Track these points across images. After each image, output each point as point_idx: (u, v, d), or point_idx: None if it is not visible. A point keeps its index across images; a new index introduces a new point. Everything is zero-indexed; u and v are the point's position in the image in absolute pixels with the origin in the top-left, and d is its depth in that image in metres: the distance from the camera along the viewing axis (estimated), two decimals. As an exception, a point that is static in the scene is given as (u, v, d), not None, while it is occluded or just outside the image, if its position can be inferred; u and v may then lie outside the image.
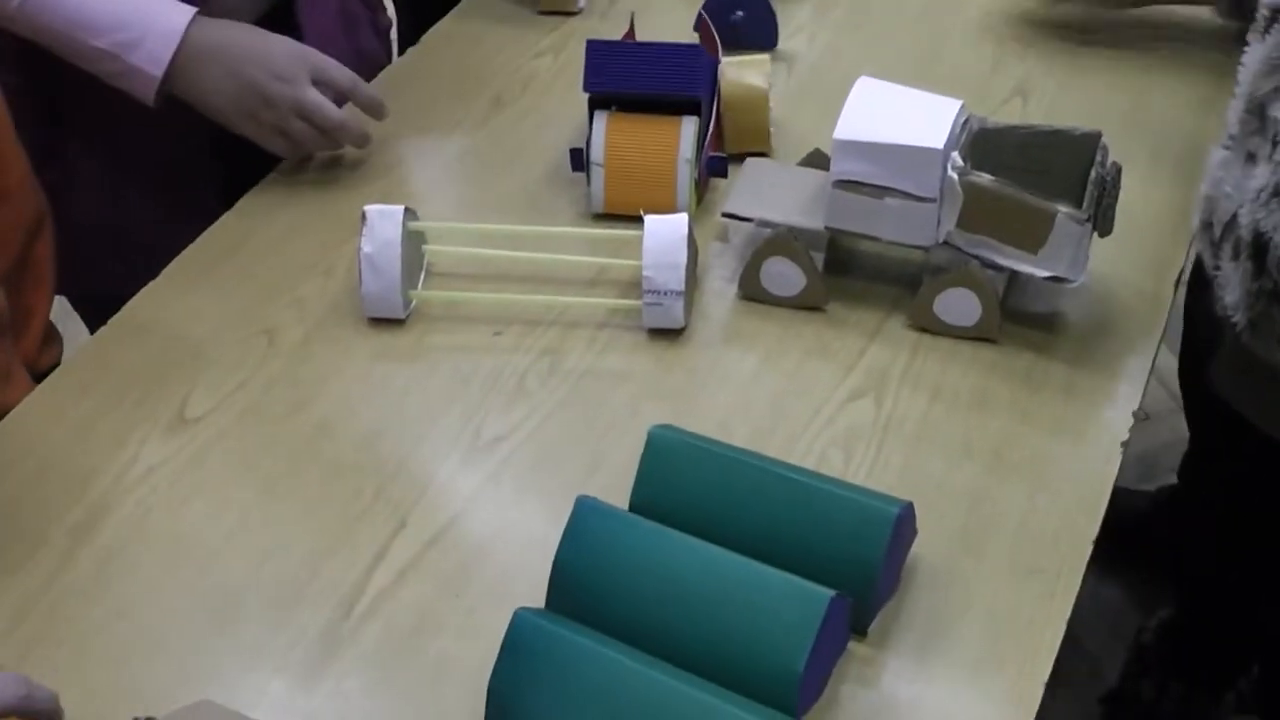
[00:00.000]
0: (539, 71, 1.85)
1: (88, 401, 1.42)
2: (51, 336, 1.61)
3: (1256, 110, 1.40)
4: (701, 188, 1.59)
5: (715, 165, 1.59)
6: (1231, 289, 1.41)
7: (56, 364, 1.56)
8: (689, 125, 1.55)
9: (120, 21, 1.56)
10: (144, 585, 1.25)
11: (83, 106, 1.64)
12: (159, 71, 1.56)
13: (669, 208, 1.53)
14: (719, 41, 1.71)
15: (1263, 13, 1.41)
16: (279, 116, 1.60)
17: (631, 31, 1.75)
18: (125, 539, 1.29)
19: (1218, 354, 1.55)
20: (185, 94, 1.60)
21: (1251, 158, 1.41)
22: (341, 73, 1.63)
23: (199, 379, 1.43)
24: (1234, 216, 1.41)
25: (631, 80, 1.57)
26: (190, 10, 1.58)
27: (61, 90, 1.62)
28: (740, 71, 1.66)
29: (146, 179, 1.75)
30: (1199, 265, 1.53)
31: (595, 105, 1.58)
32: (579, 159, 1.59)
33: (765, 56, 1.69)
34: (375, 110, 1.67)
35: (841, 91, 1.45)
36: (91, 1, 1.55)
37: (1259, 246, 1.35)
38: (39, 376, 1.47)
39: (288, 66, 1.60)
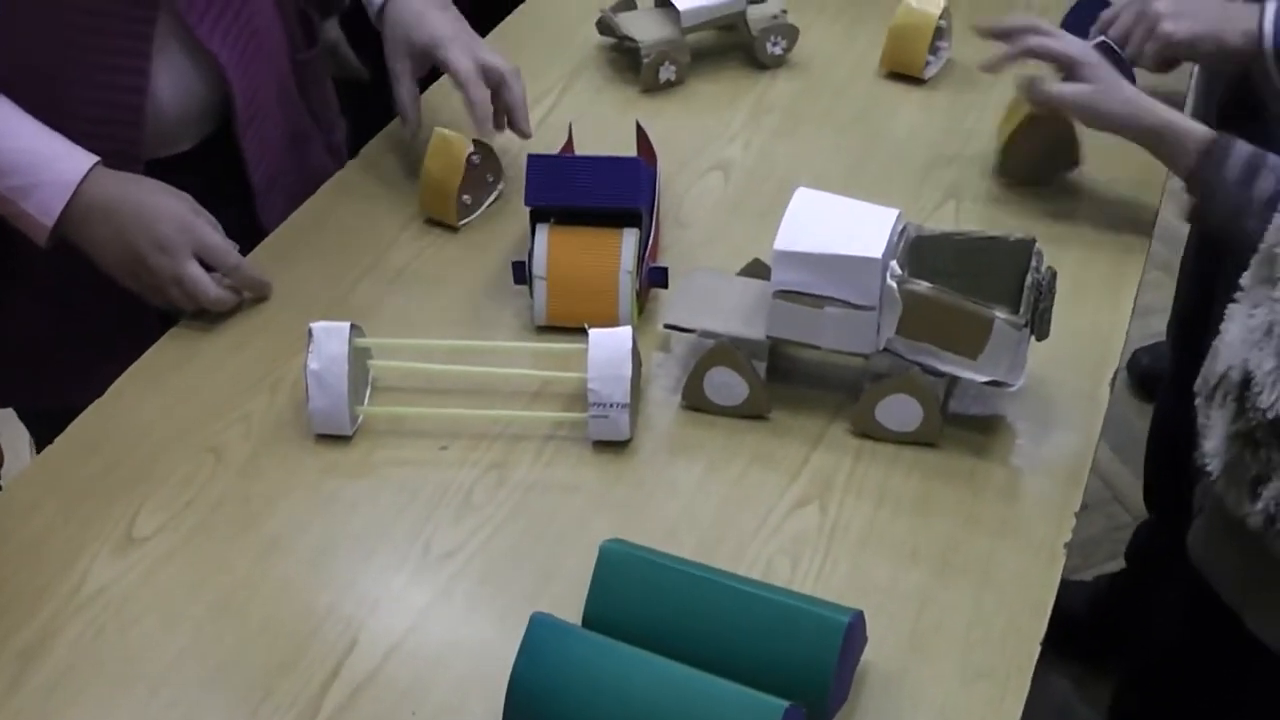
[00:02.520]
0: (478, 183, 1.86)
1: (36, 520, 1.41)
2: None
3: (1267, 260, 1.36)
4: (642, 297, 1.61)
5: (656, 276, 1.61)
6: (1213, 435, 1.38)
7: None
8: (630, 237, 1.57)
9: (16, 166, 1.58)
10: (96, 708, 1.24)
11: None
12: (49, 222, 1.59)
13: (611, 319, 1.55)
14: (655, 151, 1.74)
15: None
16: (157, 281, 1.61)
17: (570, 143, 1.77)
18: (75, 661, 1.28)
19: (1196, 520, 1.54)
20: (75, 242, 1.62)
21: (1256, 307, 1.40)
22: (224, 253, 1.64)
23: (147, 497, 1.43)
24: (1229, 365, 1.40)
25: (572, 193, 1.59)
26: (89, 161, 1.60)
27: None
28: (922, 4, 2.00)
29: (92, 292, 1.75)
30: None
31: (536, 218, 1.60)
32: (521, 272, 1.60)
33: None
34: (257, 290, 1.68)
35: (778, 198, 1.48)
36: None
37: (1245, 384, 1.33)
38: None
39: (171, 238, 1.60)
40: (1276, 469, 1.31)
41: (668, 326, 1.50)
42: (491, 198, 1.82)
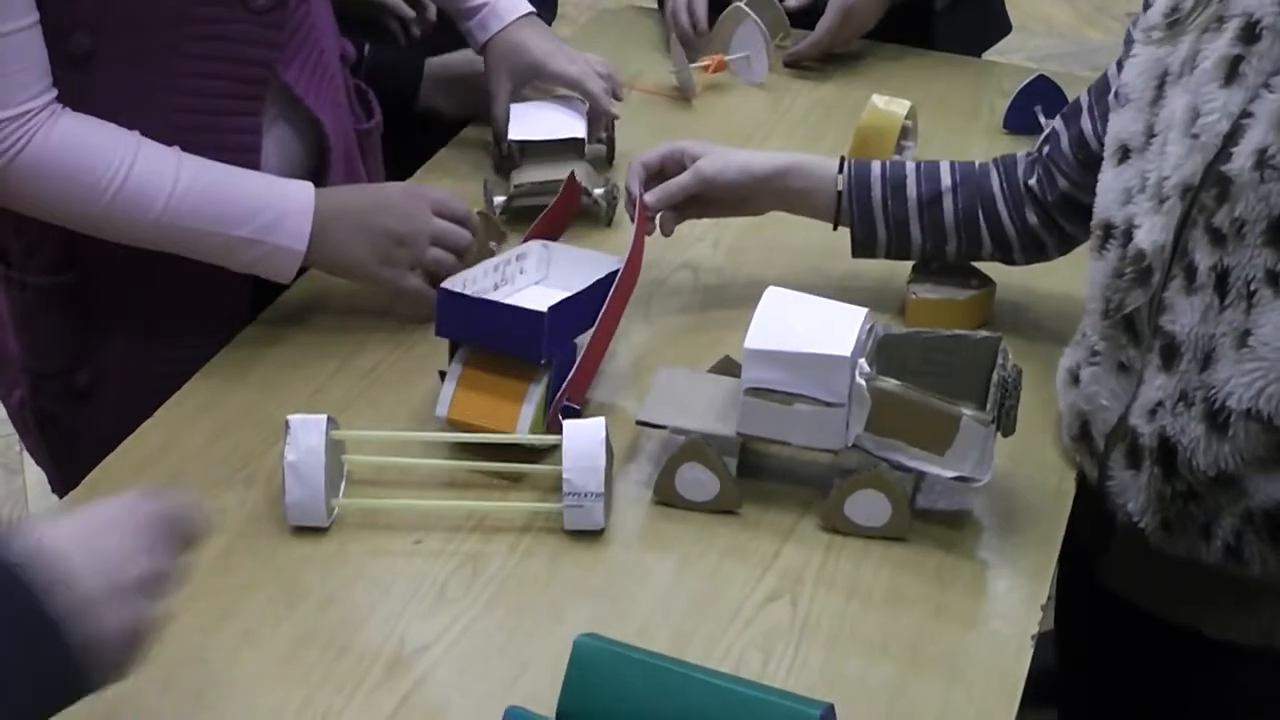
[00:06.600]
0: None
1: (9, 616, 1.41)
2: None
3: (1122, 324, 1.48)
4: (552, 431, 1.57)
5: (568, 414, 1.57)
6: (1133, 495, 1.49)
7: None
8: (534, 390, 1.56)
9: (254, 209, 1.65)
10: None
11: None
12: (303, 246, 1.66)
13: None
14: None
15: (1096, 233, 1.51)
16: (415, 251, 1.71)
17: (571, 187, 1.89)
18: (49, 756, 1.28)
19: (1107, 553, 1.63)
20: (321, 260, 1.71)
21: (1124, 368, 1.49)
22: (457, 203, 1.76)
23: (121, 591, 1.43)
24: (1119, 425, 1.49)
25: (480, 335, 1.59)
26: (308, 185, 1.68)
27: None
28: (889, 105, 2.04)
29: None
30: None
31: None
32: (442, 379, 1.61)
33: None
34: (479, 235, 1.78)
35: (746, 296, 1.51)
36: (223, 196, 1.64)
37: (1167, 451, 1.44)
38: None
39: (410, 204, 1.72)
40: (1224, 509, 1.45)
41: (640, 423, 1.52)
42: None
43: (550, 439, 1.51)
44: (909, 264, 1.81)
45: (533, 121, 2.05)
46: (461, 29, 2.09)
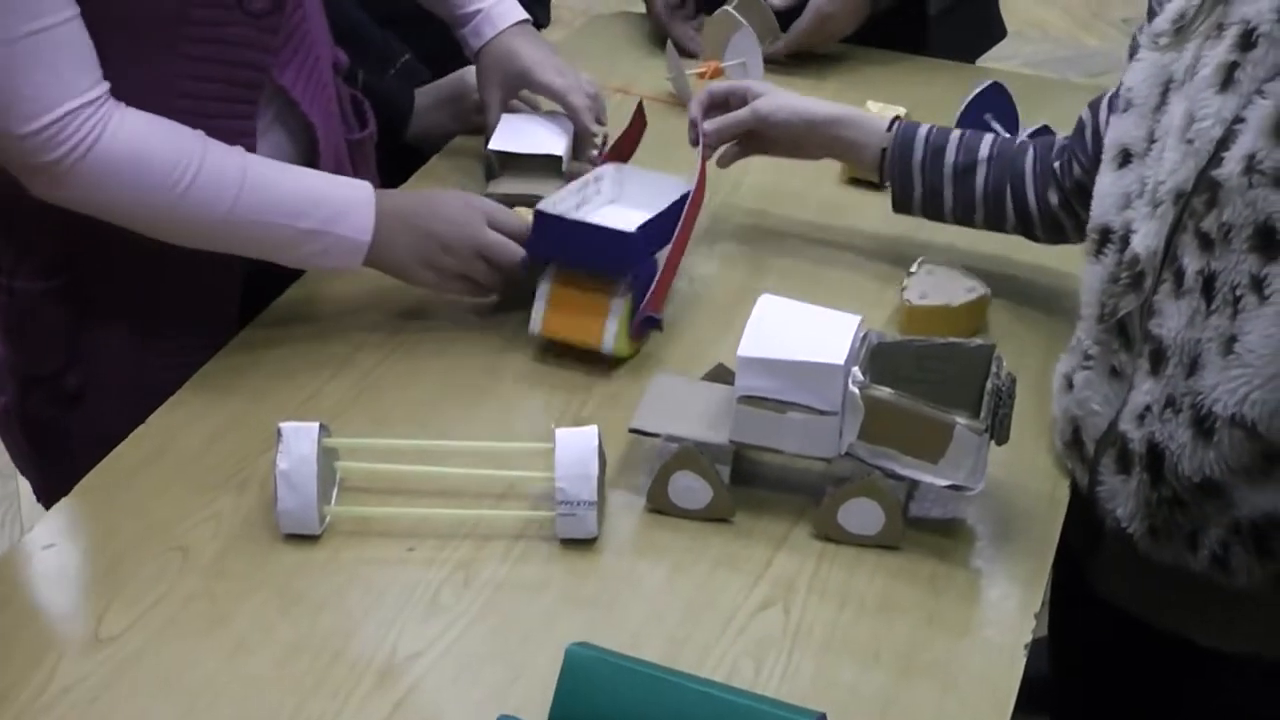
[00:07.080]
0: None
1: (3, 618, 1.41)
2: None
3: (1115, 329, 1.48)
4: (635, 341, 1.73)
5: (648, 324, 1.73)
6: (1122, 501, 1.48)
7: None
8: (619, 300, 1.70)
9: (319, 201, 1.67)
10: (62, 811, 1.24)
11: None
12: (368, 236, 1.68)
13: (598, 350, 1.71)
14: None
15: (1092, 236, 1.51)
16: (460, 260, 1.73)
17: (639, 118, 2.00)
18: (42, 763, 1.28)
19: (1096, 559, 1.63)
20: (376, 256, 1.71)
21: (1116, 373, 1.49)
22: (512, 218, 1.76)
23: (115, 596, 1.43)
24: (1110, 431, 1.49)
25: (567, 255, 1.72)
26: (366, 182, 1.71)
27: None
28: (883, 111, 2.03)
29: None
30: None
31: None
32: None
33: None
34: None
35: (740, 302, 1.51)
36: (288, 192, 1.66)
37: (1155, 457, 1.44)
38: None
39: (463, 214, 1.74)
40: (1211, 518, 1.46)
41: (633, 431, 1.52)
42: None
43: (542, 445, 1.50)
44: (902, 272, 1.81)
45: (516, 134, 2.06)
46: (456, 36, 2.08)
